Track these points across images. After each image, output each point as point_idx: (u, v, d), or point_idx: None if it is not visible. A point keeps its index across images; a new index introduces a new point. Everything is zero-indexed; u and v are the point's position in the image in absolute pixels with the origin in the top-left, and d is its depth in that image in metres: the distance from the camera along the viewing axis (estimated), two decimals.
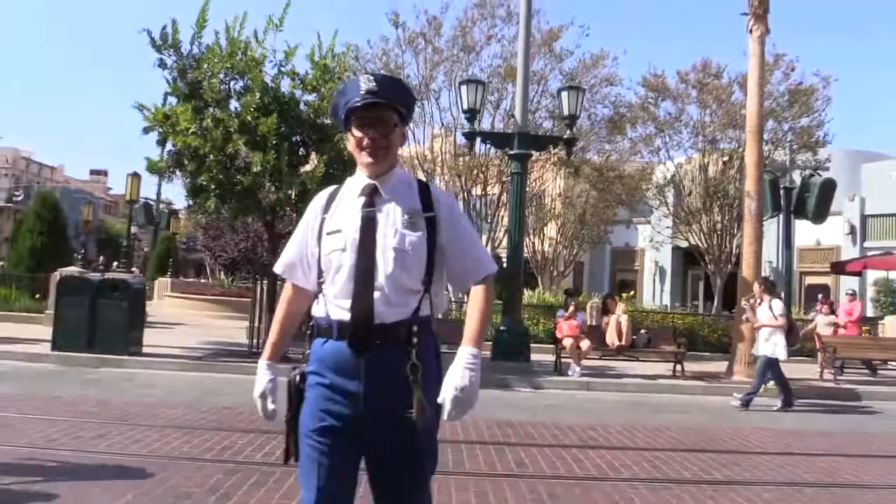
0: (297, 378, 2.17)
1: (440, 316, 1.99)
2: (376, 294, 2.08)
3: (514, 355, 12.16)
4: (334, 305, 2.13)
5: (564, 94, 13.43)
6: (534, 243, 25.69)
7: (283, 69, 12.03)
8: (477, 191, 21.94)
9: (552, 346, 13.03)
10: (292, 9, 11.92)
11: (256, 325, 12.27)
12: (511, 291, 12.98)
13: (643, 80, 22.52)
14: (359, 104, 2.17)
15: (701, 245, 23.02)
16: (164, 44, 11.60)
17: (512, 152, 13.06)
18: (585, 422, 7.88)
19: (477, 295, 2.24)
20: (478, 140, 14.17)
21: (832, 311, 15.50)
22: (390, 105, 2.21)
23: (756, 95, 13.11)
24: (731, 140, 22.02)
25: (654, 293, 32.18)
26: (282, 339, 2.37)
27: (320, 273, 2.22)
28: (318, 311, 2.20)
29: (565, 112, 13.32)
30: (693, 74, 22.17)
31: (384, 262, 2.11)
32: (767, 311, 10.00)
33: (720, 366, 13.27)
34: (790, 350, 10.07)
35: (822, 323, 14.85)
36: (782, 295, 12.47)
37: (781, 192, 15.40)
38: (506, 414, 8.04)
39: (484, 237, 21.82)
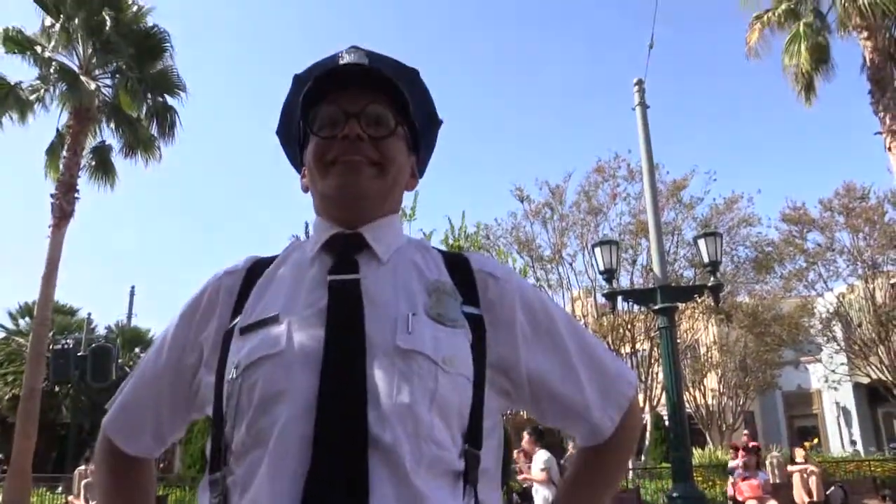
0: None
1: None
2: (381, 473, 0.89)
3: None
4: None
5: (702, 242, 13.17)
6: (695, 397, 24.30)
7: None
8: (625, 349, 21.40)
9: None
10: (421, 197, 13.48)
11: None
12: (680, 454, 12.13)
13: (782, 215, 21.88)
14: (329, 71, 1.10)
15: (885, 379, 20.94)
16: None
17: (656, 307, 12.74)
18: None
19: (611, 449, 1.15)
20: (619, 299, 14.04)
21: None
22: (385, 84, 1.10)
23: None
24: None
25: (842, 438, 29.07)
26: None
27: (222, 423, 0.99)
28: None
29: (705, 259, 13.00)
30: (837, 200, 21.32)
31: (392, 389, 0.93)
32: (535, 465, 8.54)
33: None
34: None
35: None
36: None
37: None
38: None
39: (641, 396, 20.97)
